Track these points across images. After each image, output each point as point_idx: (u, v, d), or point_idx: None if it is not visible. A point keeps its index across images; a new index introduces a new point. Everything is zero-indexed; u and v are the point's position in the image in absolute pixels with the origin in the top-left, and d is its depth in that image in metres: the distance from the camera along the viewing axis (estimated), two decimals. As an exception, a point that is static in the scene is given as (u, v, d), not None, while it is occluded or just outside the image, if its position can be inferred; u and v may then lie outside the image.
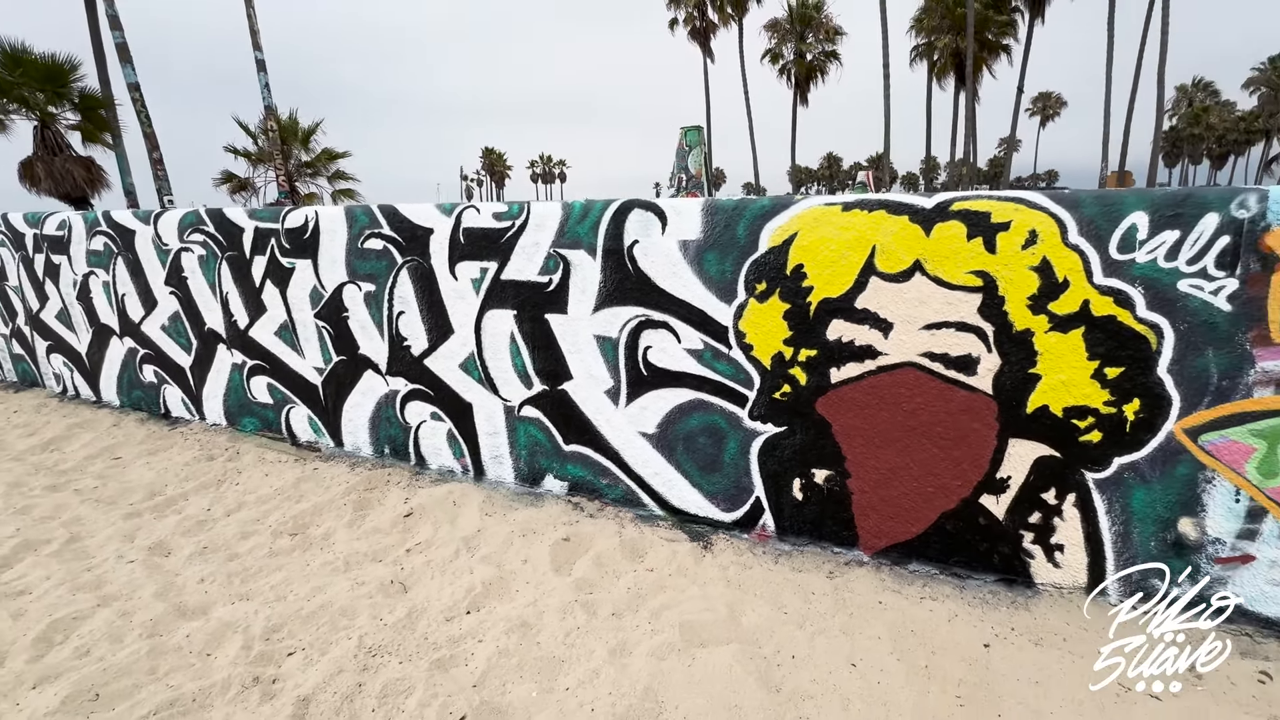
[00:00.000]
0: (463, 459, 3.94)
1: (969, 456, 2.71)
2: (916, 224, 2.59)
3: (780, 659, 2.45)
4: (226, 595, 2.88)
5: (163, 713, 2.16)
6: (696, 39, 39.35)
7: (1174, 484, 2.42)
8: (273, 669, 2.39)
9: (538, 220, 3.35)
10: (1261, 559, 2.37)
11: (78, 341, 5.59)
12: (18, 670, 2.38)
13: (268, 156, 21.73)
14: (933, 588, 2.80)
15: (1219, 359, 2.28)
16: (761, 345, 2.96)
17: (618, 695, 2.24)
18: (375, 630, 2.61)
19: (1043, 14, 30.18)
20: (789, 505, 3.10)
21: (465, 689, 2.28)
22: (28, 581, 2.99)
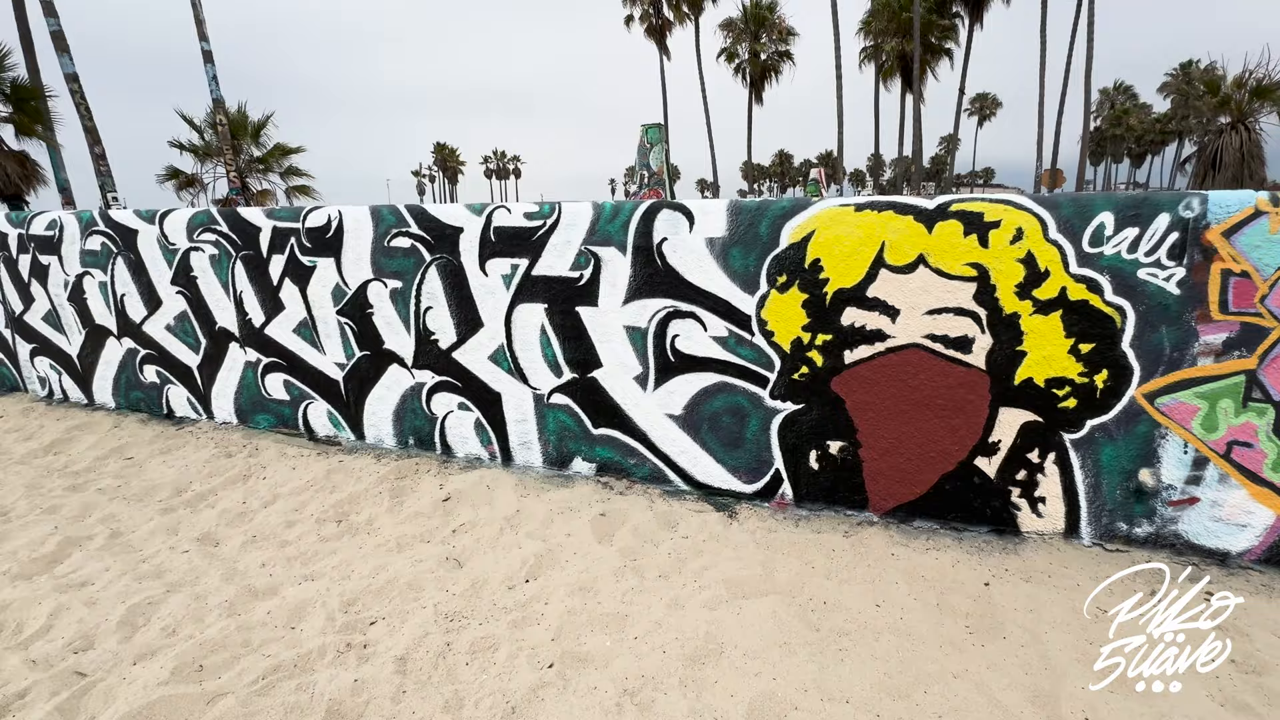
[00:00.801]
0: (490, 446, 4.15)
1: (965, 424, 3.12)
2: (920, 223, 2.98)
3: (814, 605, 2.79)
4: (292, 577, 3.04)
5: (270, 677, 2.34)
6: (653, 36, 39.67)
7: (1135, 441, 2.89)
8: (360, 636, 2.59)
9: (569, 219, 3.60)
10: (1204, 500, 2.86)
11: (68, 344, 5.49)
12: (113, 649, 2.50)
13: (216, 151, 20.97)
14: (935, 540, 3.21)
15: (1170, 334, 2.75)
16: (782, 331, 3.30)
17: (683, 640, 2.54)
18: (445, 600, 2.83)
19: (981, 19, 31.83)
20: (806, 475, 3.46)
21: (545, 642, 2.53)
22: (86, 574, 3.06)
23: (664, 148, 15.81)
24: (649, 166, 15.79)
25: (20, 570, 3.09)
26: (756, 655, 2.47)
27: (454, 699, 2.23)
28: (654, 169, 15.81)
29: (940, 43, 32.27)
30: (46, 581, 3.00)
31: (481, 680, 2.33)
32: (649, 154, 15.58)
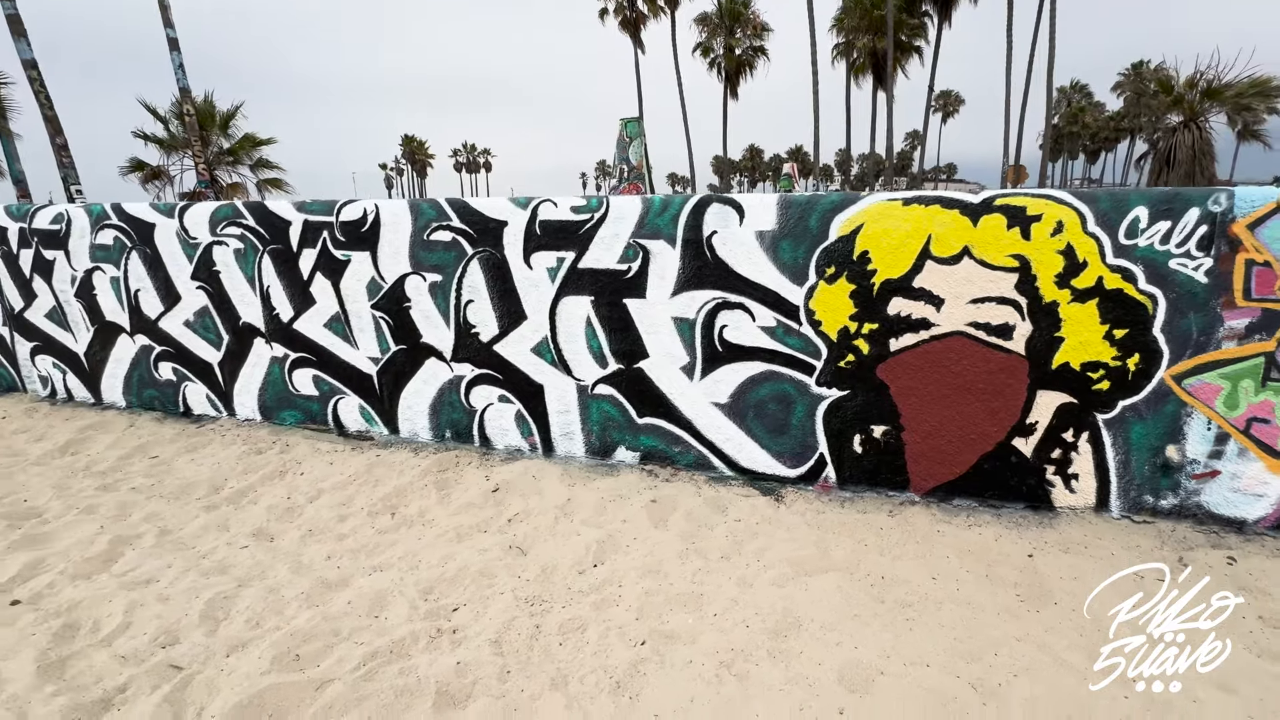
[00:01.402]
0: (531, 437, 4.20)
1: (1005, 407, 3.31)
2: (966, 216, 3.14)
3: (873, 580, 2.95)
4: (360, 568, 3.06)
5: (370, 663, 2.38)
6: (627, 29, 39.56)
7: (1163, 419, 3.11)
8: (446, 622, 2.64)
9: (617, 213, 3.67)
10: (1225, 473, 3.10)
11: (74, 341, 5.32)
12: (201, 643, 2.51)
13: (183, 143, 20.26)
14: (975, 517, 3.39)
15: (1198, 320, 2.97)
16: (829, 321, 3.44)
17: (761, 615, 2.66)
18: (520, 586, 2.90)
19: (950, 18, 32.63)
20: (849, 458, 3.61)
21: (630, 622, 2.63)
22: (147, 571, 3.03)
23: (643, 141, 15.88)
24: (628, 160, 15.82)
25: (77, 570, 3.04)
26: (833, 627, 2.61)
27: (558, 676, 2.31)
28: (633, 163, 15.86)
29: (910, 41, 32.97)
30: (109, 580, 2.96)
31: (579, 658, 2.41)
32: (628, 148, 15.61)
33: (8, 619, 2.67)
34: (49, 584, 2.92)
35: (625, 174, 15.77)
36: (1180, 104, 26.18)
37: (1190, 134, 26.38)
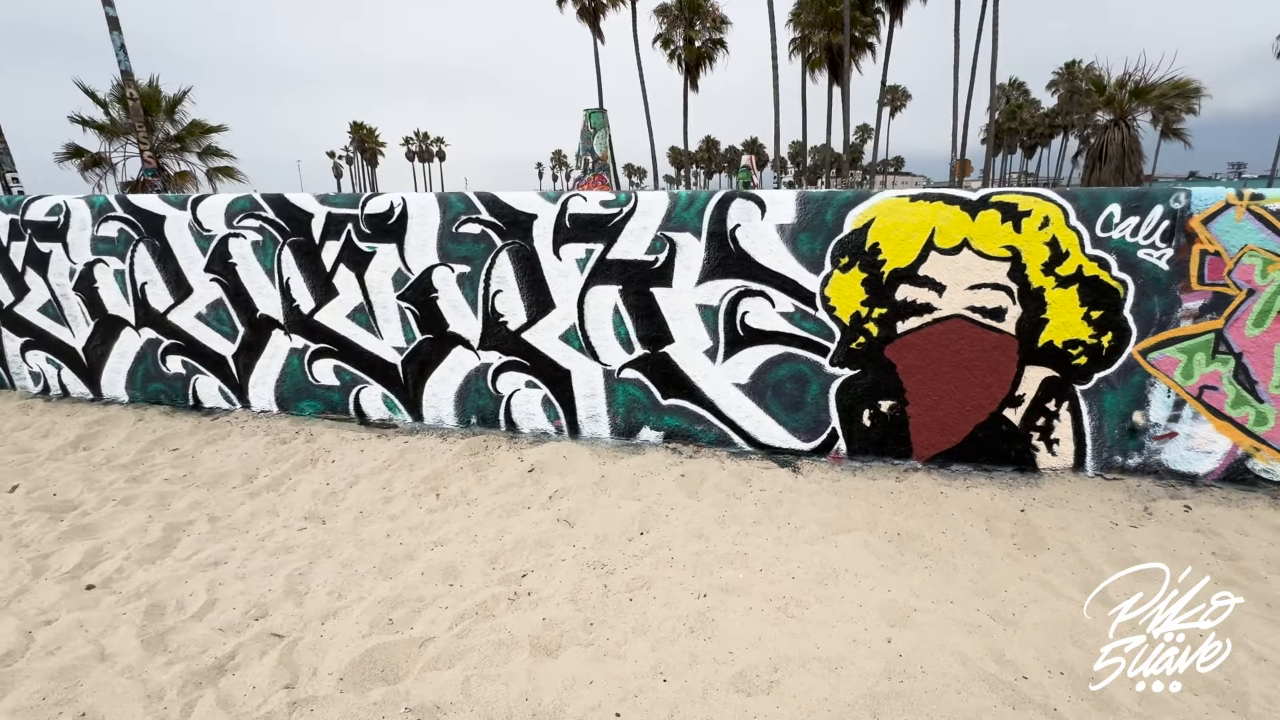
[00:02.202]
0: (557, 420, 4.42)
1: (997, 381, 3.73)
2: (965, 211, 3.53)
3: (891, 536, 3.32)
4: (422, 544, 3.24)
5: (461, 624, 2.59)
6: (585, 19, 39.37)
7: (1130, 389, 3.58)
8: (519, 586, 2.87)
9: (645, 207, 3.91)
10: (1180, 434, 3.60)
11: (71, 336, 5.21)
12: (294, 614, 2.66)
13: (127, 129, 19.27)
14: (972, 480, 3.81)
15: (1161, 302, 3.44)
16: (843, 306, 3.79)
17: (804, 568, 2.99)
18: (579, 553, 3.14)
19: (901, 16, 33.81)
20: (859, 431, 3.98)
21: (688, 578, 2.91)
22: (213, 554, 3.13)
23: (607, 132, 16.03)
24: (592, 151, 15.95)
25: (141, 556, 3.11)
26: (866, 575, 2.96)
27: (638, 624, 2.58)
28: (598, 154, 16.00)
29: (864, 37, 33.98)
30: (176, 564, 3.06)
31: (651, 609, 2.68)
32: (592, 139, 15.72)
33: (89, 602, 2.75)
34: (117, 569, 2.99)
35: (590, 165, 15.88)
36: (1112, 103, 28.01)
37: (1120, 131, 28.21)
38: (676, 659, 2.38)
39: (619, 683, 2.26)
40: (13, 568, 2.99)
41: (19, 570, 2.97)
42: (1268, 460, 3.54)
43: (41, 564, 3.04)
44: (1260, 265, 3.30)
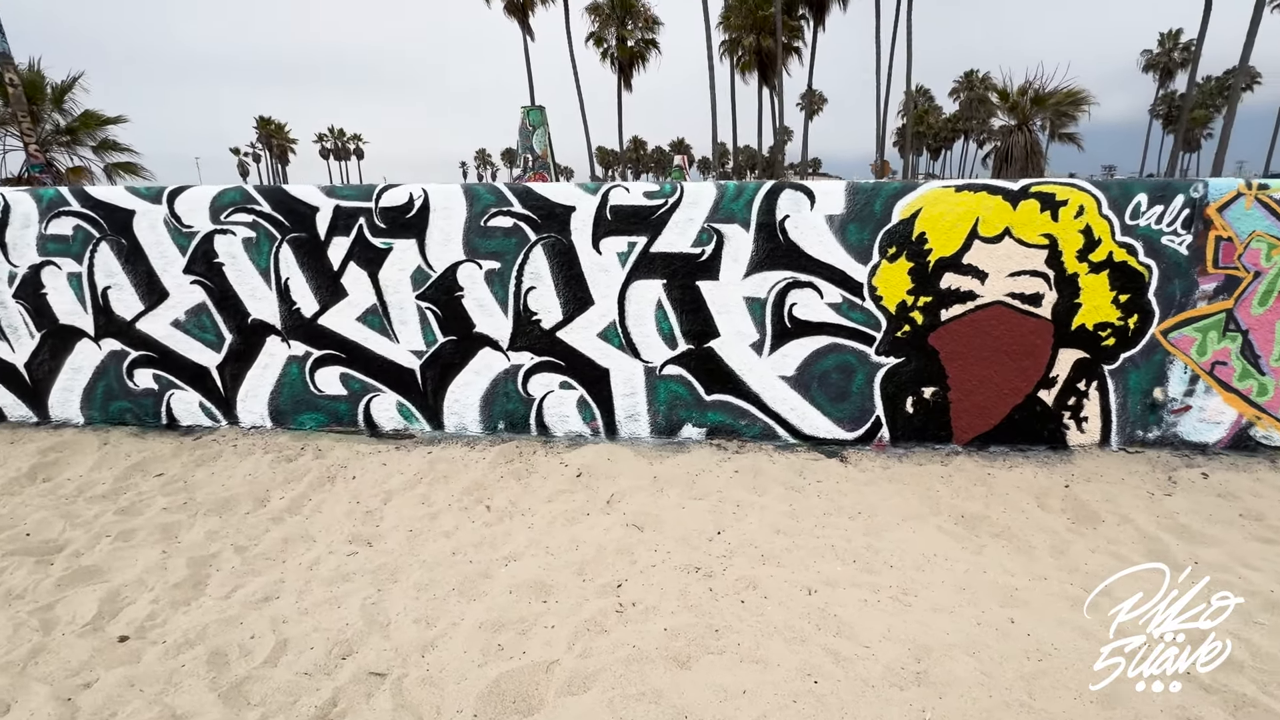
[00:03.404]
0: (593, 422, 4.24)
1: (1033, 365, 3.89)
2: (1007, 201, 3.65)
3: (956, 518, 3.39)
4: (493, 560, 3.00)
5: (579, 642, 2.40)
6: (514, 14, 38.51)
7: (1152, 367, 3.83)
8: (619, 597, 2.70)
9: (691, 198, 3.81)
10: (1194, 407, 3.89)
11: (9, 351, 4.50)
12: (386, 647, 2.37)
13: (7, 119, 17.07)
14: (1011, 460, 3.96)
15: (1180, 285, 3.69)
16: (889, 296, 3.84)
17: (897, 556, 2.99)
18: (664, 557, 3.01)
19: (824, 21, 35.22)
20: (902, 418, 4.05)
21: (789, 575, 2.84)
22: (260, 588, 2.76)
23: (546, 130, 15.77)
24: (532, 149, 15.66)
25: (172, 597, 2.70)
26: (953, 558, 3.00)
27: (763, 626, 2.48)
28: (538, 151, 15.72)
29: (790, 41, 35.14)
30: (219, 604, 2.67)
31: (768, 610, 2.59)
32: (531, 136, 15.44)
33: (129, 656, 2.35)
34: (148, 615, 2.58)
35: (530, 163, 15.55)
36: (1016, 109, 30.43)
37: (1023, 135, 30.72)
38: (818, 659, 2.31)
39: (773, 688, 2.17)
40: (13, 624, 2.51)
41: (23, 626, 2.50)
42: (1267, 428, 3.88)
43: (48, 617, 2.58)
44: (1266, 249, 3.61)
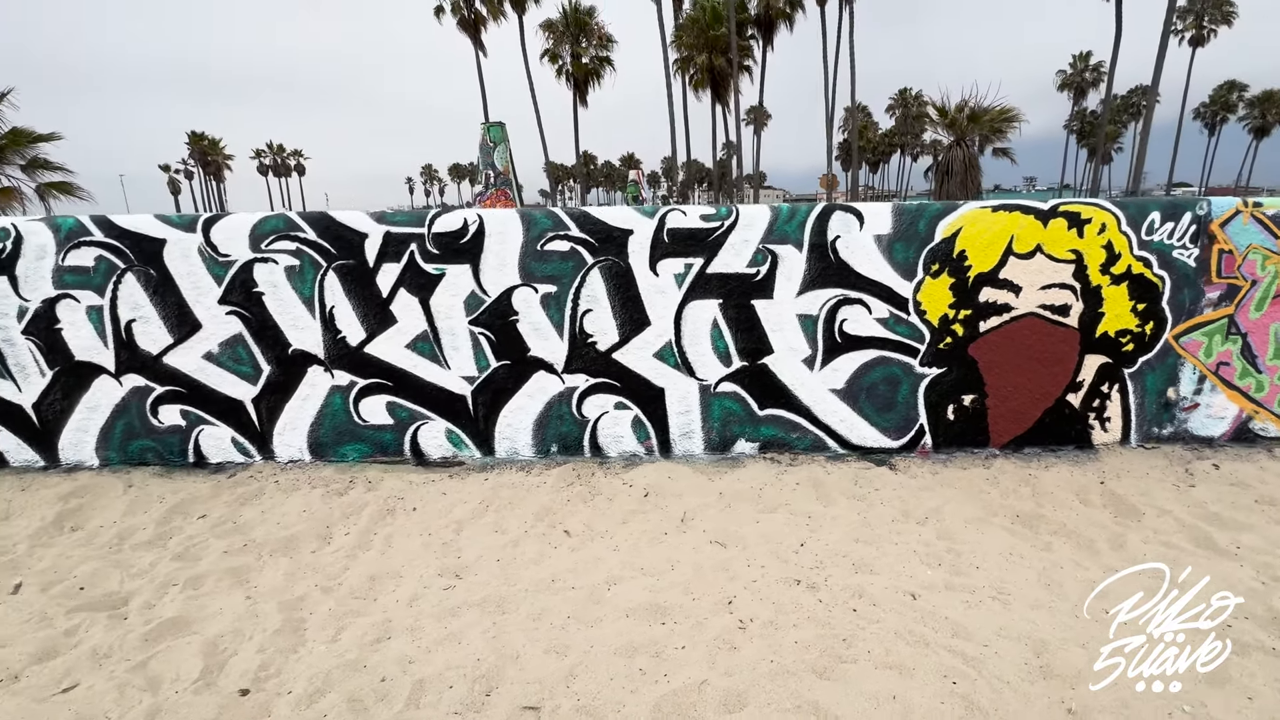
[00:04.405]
0: (648, 441, 4.29)
1: (1062, 370, 4.18)
2: (1038, 220, 3.94)
3: (1013, 515, 3.60)
4: (594, 584, 2.99)
5: (716, 661, 2.44)
6: (466, 30, 38.31)
7: (1166, 369, 4.18)
8: (736, 614, 2.75)
9: (747, 220, 3.94)
10: (1202, 404, 4.26)
11: (15, 391, 4.19)
12: (524, 678, 2.35)
13: (-77, 137, 15.83)
14: (1045, 460, 4.23)
15: (1189, 294, 4.06)
16: (932, 310, 4.06)
17: (979, 556, 3.16)
18: (761, 572, 3.08)
19: (772, 41, 36.51)
20: (944, 425, 4.27)
21: (887, 582, 2.96)
22: (365, 630, 2.67)
23: (507, 147, 15.78)
24: (494, 166, 15.61)
25: (277, 645, 2.58)
26: (1025, 556, 3.19)
27: (884, 633, 2.58)
28: (499, 168, 15.70)
29: (741, 60, 36.20)
30: (329, 648, 2.58)
31: (884, 617, 2.70)
32: (493, 153, 15.41)
33: (260, 710, 2.24)
34: (260, 666, 2.46)
35: (492, 180, 15.48)
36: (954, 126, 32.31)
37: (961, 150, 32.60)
38: (948, 660, 2.43)
39: (917, 692, 2.27)
40: (116, 685, 2.36)
41: (127, 687, 2.35)
42: (1264, 420, 4.28)
43: (150, 675, 2.43)
44: (1260, 260, 4.02)
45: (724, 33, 34.66)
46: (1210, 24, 50.01)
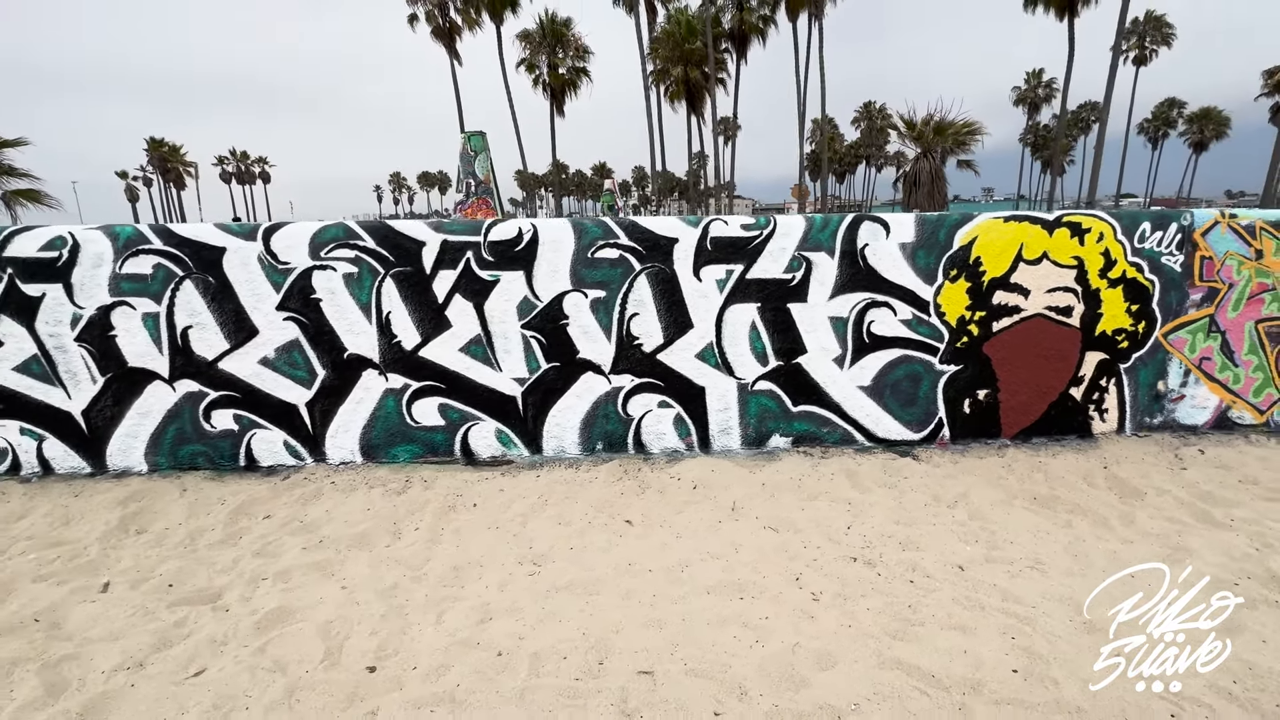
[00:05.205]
0: (688, 438, 4.54)
1: (1066, 367, 4.59)
2: (1044, 229, 4.34)
3: (1031, 498, 3.95)
4: (667, 566, 3.21)
5: (800, 619, 2.70)
6: (440, 39, 38.22)
7: (1156, 364, 4.62)
8: (808, 589, 3.01)
9: (784, 230, 4.24)
10: (1188, 395, 4.71)
11: (65, 398, 4.21)
12: (650, 639, 2.56)
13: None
14: (1051, 449, 4.62)
15: (1175, 296, 4.50)
16: (951, 312, 4.42)
17: (1012, 533, 3.49)
18: (819, 553, 3.35)
19: (746, 55, 37.42)
20: (960, 419, 4.63)
21: (939, 558, 3.26)
22: (470, 610, 2.84)
23: (488, 155, 15.95)
24: (474, 175, 15.74)
25: (391, 628, 2.73)
26: (1051, 534, 3.53)
27: (945, 599, 2.87)
28: (480, 177, 15.85)
29: (715, 73, 36.98)
30: (443, 630, 2.74)
31: (936, 586, 2.99)
32: (473, 162, 15.55)
33: (392, 682, 2.40)
34: (378, 647, 2.61)
35: (473, 189, 15.60)
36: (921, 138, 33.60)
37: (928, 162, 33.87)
38: (1005, 620, 2.72)
39: (984, 645, 2.55)
40: (244, 668, 2.48)
41: (256, 669, 2.48)
42: (1240, 410, 4.76)
43: (275, 657, 2.56)
44: (1236, 265, 4.49)
45: (699, 46, 35.41)
46: (1152, 44, 53.05)
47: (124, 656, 2.57)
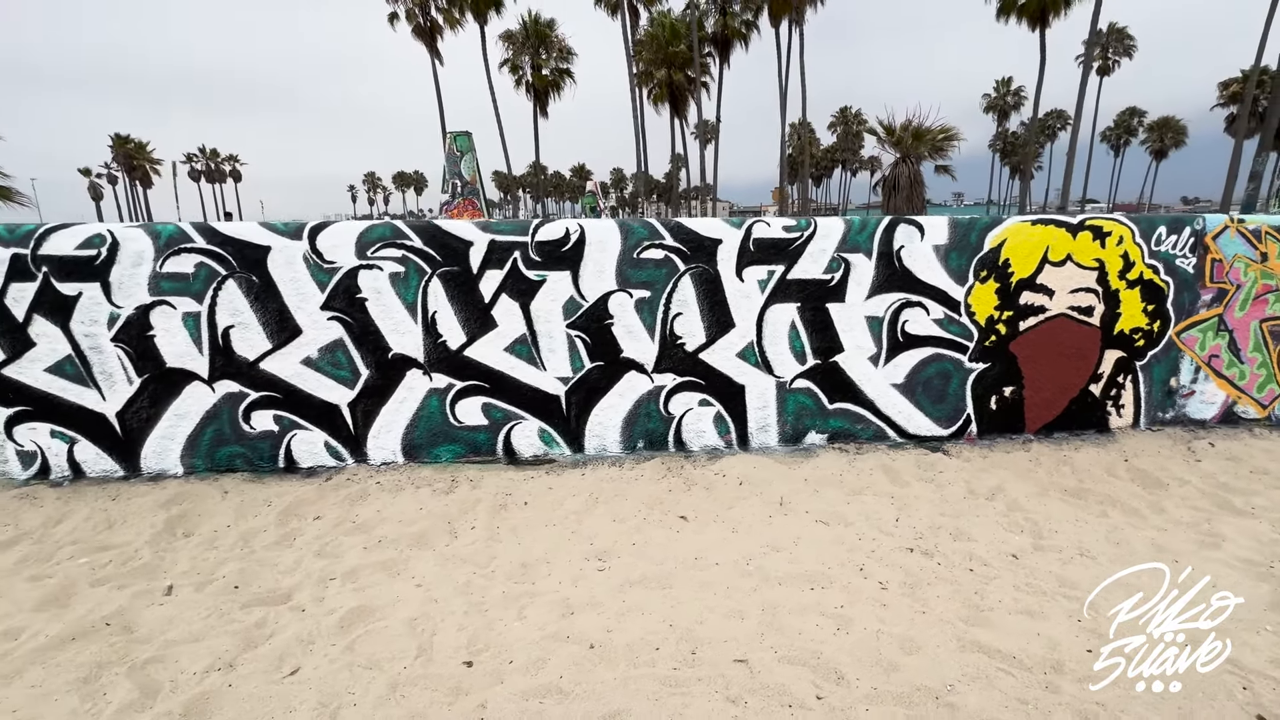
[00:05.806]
0: (728, 435, 4.62)
1: (1087, 364, 4.78)
2: (1068, 232, 4.53)
3: (1062, 490, 4.12)
4: (734, 560, 3.29)
5: (876, 606, 2.79)
6: (422, 38, 37.84)
7: (1170, 361, 4.85)
8: (876, 578, 3.11)
9: (824, 231, 4.36)
10: (1198, 390, 4.95)
11: (99, 399, 4.12)
12: (735, 629, 2.63)
13: None
14: (1073, 443, 4.81)
15: (1188, 296, 4.73)
16: (980, 311, 4.58)
17: (1054, 522, 3.64)
18: (875, 544, 3.45)
19: (729, 59, 37.81)
20: (987, 415, 4.79)
21: (984, 545, 3.39)
22: (549, 605, 2.87)
23: (474, 156, 15.92)
24: (460, 175, 15.75)
25: (478, 623, 2.75)
26: (1090, 523, 3.70)
27: (1007, 586, 3.00)
28: (466, 177, 15.84)
29: (698, 76, 37.28)
30: (528, 624, 2.76)
31: (994, 574, 3.12)
32: (460, 162, 15.55)
33: (493, 676, 2.43)
34: (469, 642, 2.63)
35: (459, 189, 15.55)
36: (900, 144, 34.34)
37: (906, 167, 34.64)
38: (1069, 605, 2.86)
39: (1055, 628, 2.68)
40: (340, 666, 2.48)
41: (353, 666, 2.47)
42: (1245, 404, 5.02)
43: (368, 656, 2.56)
44: (1244, 267, 4.74)
45: (683, 49, 35.67)
46: (1114, 55, 55.04)
47: (213, 657, 2.55)
